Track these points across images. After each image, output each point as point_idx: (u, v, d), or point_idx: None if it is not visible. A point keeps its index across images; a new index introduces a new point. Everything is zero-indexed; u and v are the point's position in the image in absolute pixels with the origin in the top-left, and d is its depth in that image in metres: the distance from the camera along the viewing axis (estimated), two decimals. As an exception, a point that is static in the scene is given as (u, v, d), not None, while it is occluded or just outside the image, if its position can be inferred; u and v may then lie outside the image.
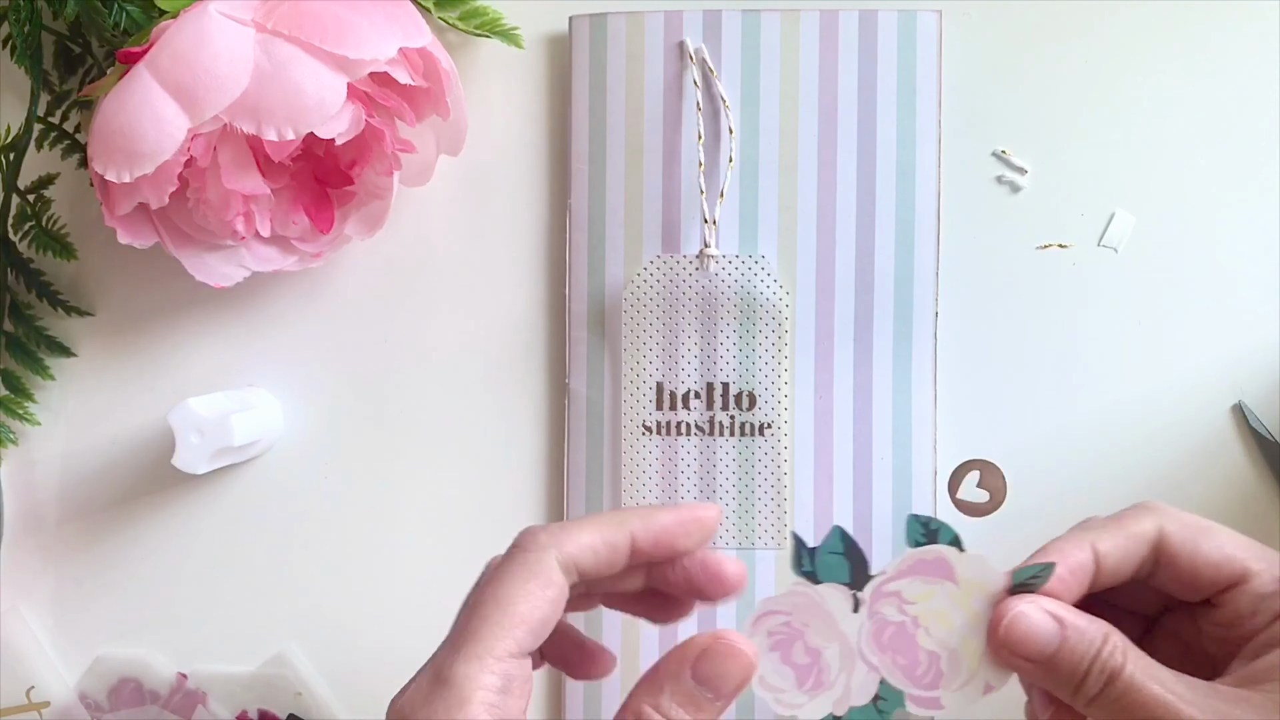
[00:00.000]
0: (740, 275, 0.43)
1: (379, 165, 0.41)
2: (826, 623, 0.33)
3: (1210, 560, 0.35)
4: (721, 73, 0.43)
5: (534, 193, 0.45)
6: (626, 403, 0.44)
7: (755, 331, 0.43)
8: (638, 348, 0.43)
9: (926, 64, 0.42)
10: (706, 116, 0.42)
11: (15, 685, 0.46)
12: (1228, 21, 0.43)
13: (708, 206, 0.42)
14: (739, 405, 0.43)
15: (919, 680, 0.34)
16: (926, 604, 0.34)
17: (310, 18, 0.37)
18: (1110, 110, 0.44)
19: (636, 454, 0.44)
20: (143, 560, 0.46)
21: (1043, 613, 0.34)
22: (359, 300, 0.45)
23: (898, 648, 0.34)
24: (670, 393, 0.43)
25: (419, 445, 0.45)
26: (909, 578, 0.33)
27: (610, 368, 0.44)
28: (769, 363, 0.43)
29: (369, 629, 0.46)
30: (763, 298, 0.43)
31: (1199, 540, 0.35)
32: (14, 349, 0.45)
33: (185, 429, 0.41)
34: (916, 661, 0.34)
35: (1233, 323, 0.44)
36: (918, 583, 0.33)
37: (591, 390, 0.44)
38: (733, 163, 0.42)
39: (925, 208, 0.43)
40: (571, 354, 0.44)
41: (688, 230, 0.43)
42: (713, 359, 0.43)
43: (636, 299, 0.43)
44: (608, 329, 0.44)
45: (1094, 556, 0.34)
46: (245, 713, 0.46)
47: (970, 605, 0.34)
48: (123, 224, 0.40)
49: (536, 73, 0.45)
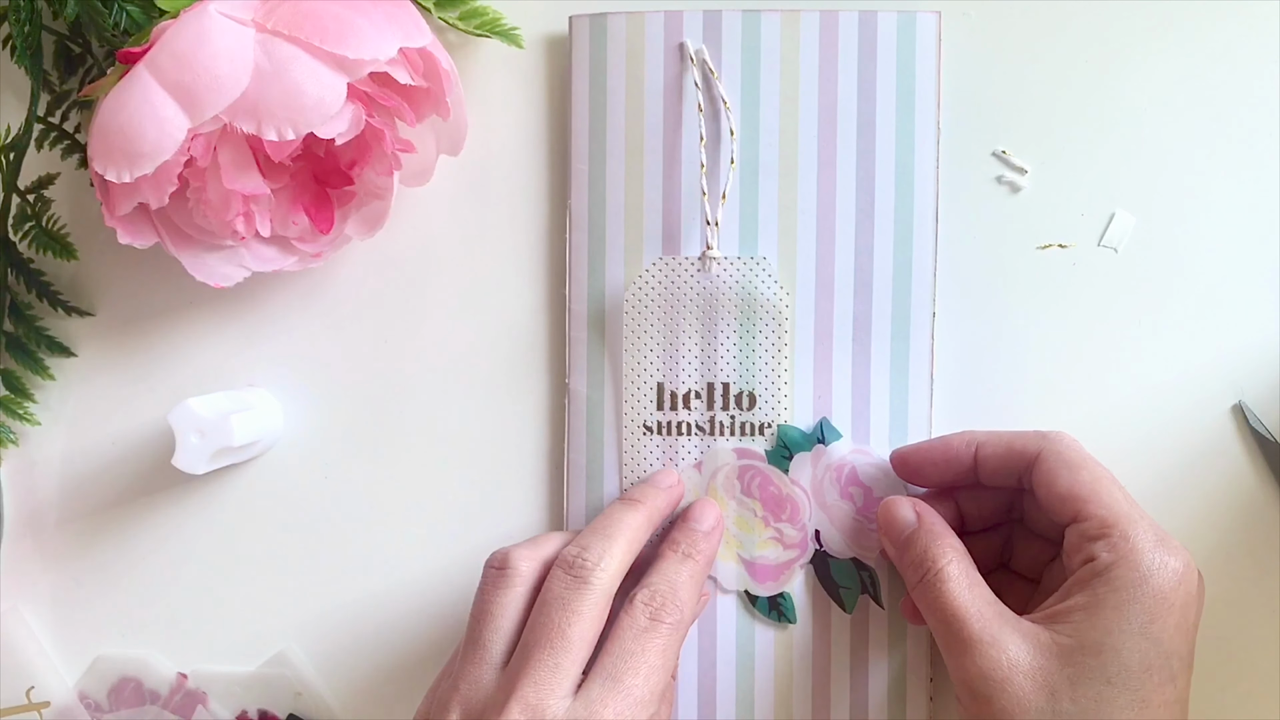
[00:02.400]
0: (741, 276, 0.43)
1: (379, 165, 0.41)
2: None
3: (1057, 492, 0.38)
4: (721, 74, 0.43)
5: (534, 193, 0.45)
6: (627, 403, 0.44)
7: (755, 332, 0.43)
8: (638, 348, 0.43)
9: (926, 65, 0.42)
10: (707, 118, 0.42)
11: (15, 685, 0.46)
12: (1228, 21, 0.44)
13: (709, 208, 0.42)
14: (739, 405, 0.43)
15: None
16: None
17: (310, 18, 0.37)
18: (1110, 110, 0.44)
19: (637, 454, 0.44)
20: (143, 560, 0.46)
21: (908, 505, 0.40)
22: (359, 300, 0.45)
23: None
24: (671, 393, 0.43)
25: (419, 445, 0.45)
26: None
27: (611, 368, 0.44)
28: (769, 363, 0.43)
29: (369, 629, 0.46)
30: (763, 299, 0.43)
31: (1060, 472, 0.38)
32: (14, 349, 0.45)
33: (185, 429, 0.41)
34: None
35: (1233, 323, 0.44)
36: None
37: (592, 390, 0.44)
38: (734, 164, 0.42)
39: (924, 208, 0.43)
40: (572, 354, 0.44)
41: (688, 231, 0.43)
42: (713, 359, 0.43)
43: (637, 300, 0.43)
44: (608, 329, 0.44)
45: (973, 455, 0.40)
46: (245, 713, 0.46)
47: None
48: (123, 224, 0.40)
49: (536, 73, 0.45)
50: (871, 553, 0.43)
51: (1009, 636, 0.36)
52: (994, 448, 0.40)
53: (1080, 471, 0.38)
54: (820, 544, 0.43)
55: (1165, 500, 0.44)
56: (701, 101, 0.42)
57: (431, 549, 0.45)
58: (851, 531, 0.43)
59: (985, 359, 0.44)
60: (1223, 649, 0.44)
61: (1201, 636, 0.37)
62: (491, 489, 0.45)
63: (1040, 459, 0.39)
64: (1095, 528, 0.37)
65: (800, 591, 0.43)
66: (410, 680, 0.46)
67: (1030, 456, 0.39)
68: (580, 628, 0.36)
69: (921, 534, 0.39)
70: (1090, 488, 0.37)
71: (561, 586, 0.37)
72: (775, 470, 0.43)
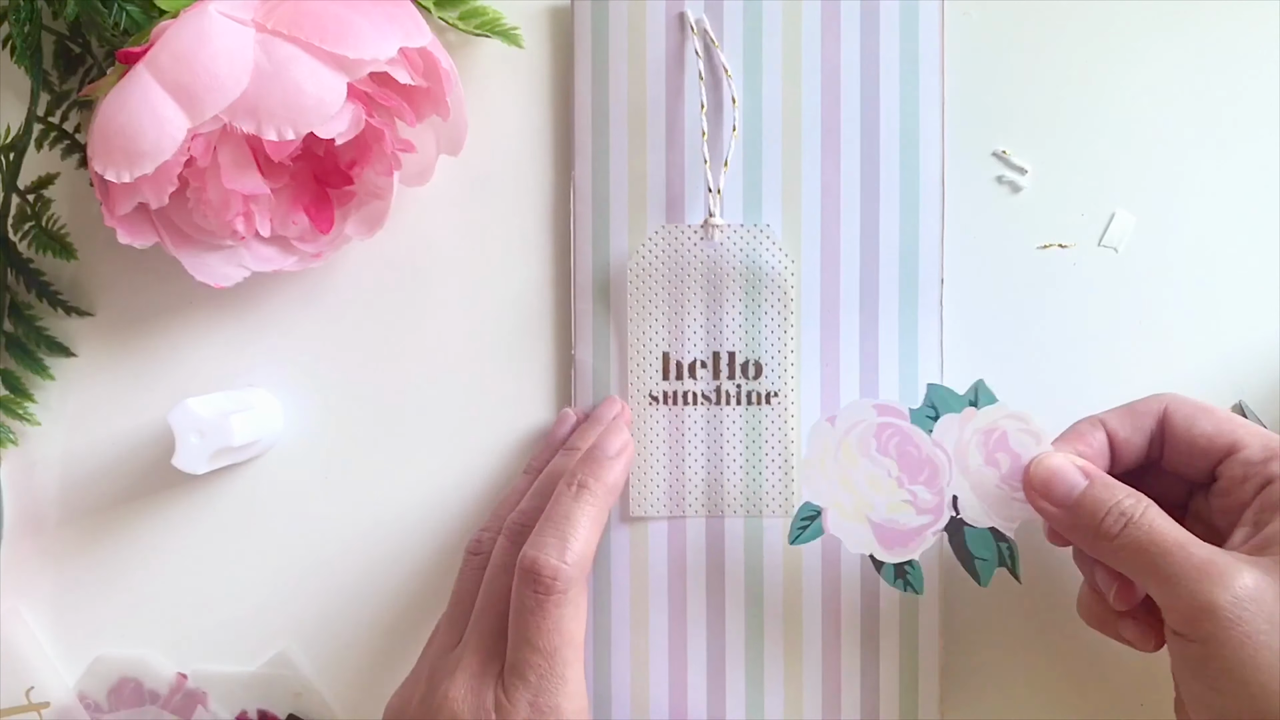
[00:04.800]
0: (745, 244, 0.43)
1: (379, 165, 0.41)
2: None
3: (1204, 432, 0.38)
4: (723, 43, 0.43)
5: (536, 181, 0.45)
6: (633, 373, 0.44)
7: (761, 300, 0.43)
8: (643, 318, 0.43)
9: (929, 28, 0.42)
10: (709, 87, 0.43)
11: (15, 685, 0.46)
12: (1228, 21, 0.44)
13: (712, 176, 0.42)
14: (745, 374, 0.43)
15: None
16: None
17: (310, 18, 0.37)
18: (1110, 110, 0.44)
19: (644, 423, 0.44)
20: (143, 560, 0.46)
21: (1070, 463, 0.38)
22: (359, 300, 0.45)
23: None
24: (676, 362, 0.44)
25: (419, 445, 0.45)
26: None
27: (616, 338, 0.44)
28: (774, 331, 0.43)
29: (369, 629, 0.46)
30: (768, 267, 0.43)
31: (1197, 416, 0.38)
32: (14, 349, 0.45)
33: (185, 429, 0.41)
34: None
35: (1233, 323, 0.44)
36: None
37: (598, 361, 0.44)
38: (736, 132, 0.42)
39: (929, 173, 0.43)
40: (577, 325, 0.44)
41: (691, 200, 0.43)
42: (718, 328, 0.43)
43: (641, 269, 0.43)
44: (613, 300, 0.44)
45: (1107, 434, 0.39)
46: (245, 713, 0.46)
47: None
48: (123, 224, 0.40)
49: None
50: (1013, 524, 0.40)
51: (1239, 564, 0.34)
52: (1121, 419, 0.39)
53: (1214, 411, 0.38)
54: (957, 511, 0.40)
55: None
56: (702, 70, 0.42)
57: (432, 549, 0.45)
58: (994, 499, 0.40)
59: (984, 359, 0.44)
60: (1223, 649, 0.44)
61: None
62: (494, 488, 0.45)
63: (1169, 412, 0.39)
64: (1259, 451, 0.37)
65: (931, 561, 0.42)
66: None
67: (1156, 412, 0.39)
68: (545, 638, 0.36)
69: (1098, 488, 0.37)
70: (1229, 421, 0.38)
71: (527, 599, 0.36)
72: (917, 430, 0.40)
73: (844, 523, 0.40)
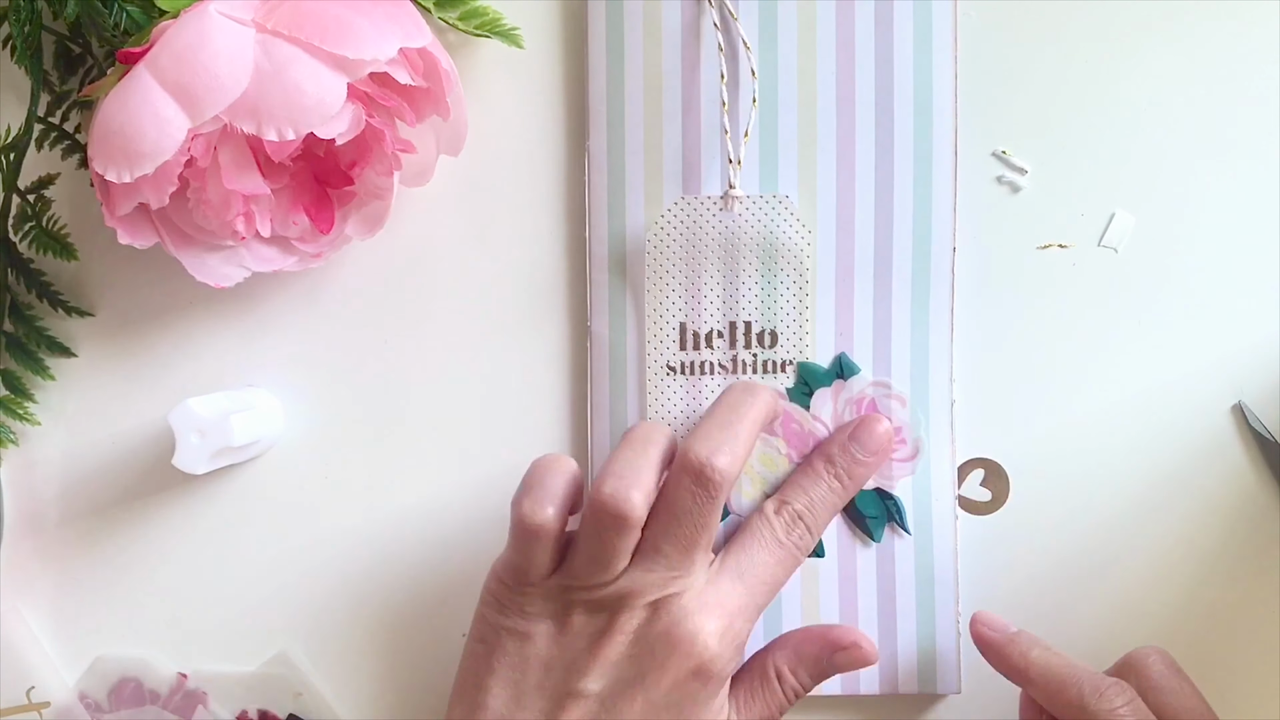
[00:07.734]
0: (763, 215, 0.43)
1: (379, 165, 0.41)
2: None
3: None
4: (739, 13, 0.43)
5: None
6: (650, 344, 0.44)
7: (777, 270, 0.44)
8: (660, 289, 0.44)
9: (942, 4, 0.43)
10: (727, 58, 0.43)
11: (15, 685, 0.46)
12: (1228, 21, 0.44)
13: (732, 146, 0.42)
14: (761, 343, 0.44)
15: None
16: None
17: (310, 18, 0.37)
18: (1110, 110, 0.44)
19: (661, 394, 0.44)
20: (143, 560, 0.46)
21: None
22: (359, 300, 0.45)
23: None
24: (693, 333, 0.44)
25: (420, 444, 0.45)
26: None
27: (633, 309, 0.44)
28: (791, 301, 0.44)
29: (369, 629, 0.46)
30: (785, 237, 0.43)
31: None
32: (14, 349, 0.45)
33: (185, 429, 0.41)
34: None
35: (1233, 323, 0.44)
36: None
37: (614, 333, 0.44)
38: (755, 103, 0.42)
39: (942, 142, 0.43)
40: (593, 297, 0.44)
41: (708, 171, 0.43)
42: (735, 298, 0.44)
43: (659, 240, 0.44)
44: (629, 271, 0.44)
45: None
46: (245, 713, 0.46)
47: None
48: (123, 224, 0.40)
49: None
50: (893, 482, 0.43)
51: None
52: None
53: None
54: None
55: (1165, 500, 0.44)
56: (721, 42, 0.42)
57: (433, 549, 0.45)
58: None
59: (983, 359, 0.44)
60: (1223, 649, 0.44)
61: (1201, 637, 0.37)
62: (496, 487, 0.45)
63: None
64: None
65: (831, 528, 0.44)
66: (412, 680, 0.46)
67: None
68: (708, 538, 0.38)
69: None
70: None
71: (690, 499, 0.38)
72: (797, 407, 0.43)
73: (746, 502, 0.43)
